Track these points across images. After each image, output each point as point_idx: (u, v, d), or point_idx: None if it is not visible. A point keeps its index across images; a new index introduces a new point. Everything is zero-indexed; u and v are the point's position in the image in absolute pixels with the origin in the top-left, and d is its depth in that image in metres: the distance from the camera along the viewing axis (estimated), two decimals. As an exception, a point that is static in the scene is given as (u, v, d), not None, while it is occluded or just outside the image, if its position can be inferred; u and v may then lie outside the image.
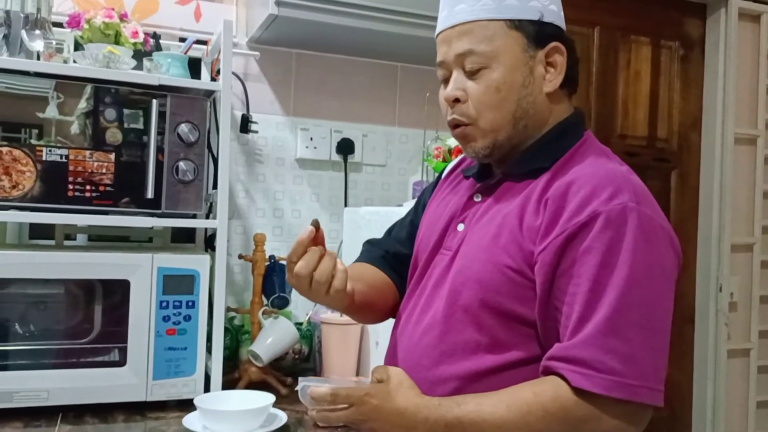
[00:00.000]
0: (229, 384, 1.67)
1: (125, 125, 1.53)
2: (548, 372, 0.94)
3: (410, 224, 1.31)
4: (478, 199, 1.11)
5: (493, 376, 0.99)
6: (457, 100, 1.06)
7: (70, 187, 1.49)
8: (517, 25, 1.03)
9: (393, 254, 1.29)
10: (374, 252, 1.32)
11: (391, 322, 1.25)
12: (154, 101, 1.54)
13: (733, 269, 2.81)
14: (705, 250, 2.83)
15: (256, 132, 2.05)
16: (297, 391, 1.01)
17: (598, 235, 0.92)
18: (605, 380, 0.88)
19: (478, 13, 1.03)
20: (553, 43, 1.05)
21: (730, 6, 2.78)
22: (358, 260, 1.32)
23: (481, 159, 1.10)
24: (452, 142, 1.80)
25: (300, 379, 1.02)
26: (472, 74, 1.04)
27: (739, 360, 2.83)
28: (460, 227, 1.10)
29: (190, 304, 1.55)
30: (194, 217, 1.64)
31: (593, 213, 0.92)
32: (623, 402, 0.89)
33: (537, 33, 1.04)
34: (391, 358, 1.14)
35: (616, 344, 0.89)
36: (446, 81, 1.09)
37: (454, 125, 1.09)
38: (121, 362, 1.51)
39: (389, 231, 1.37)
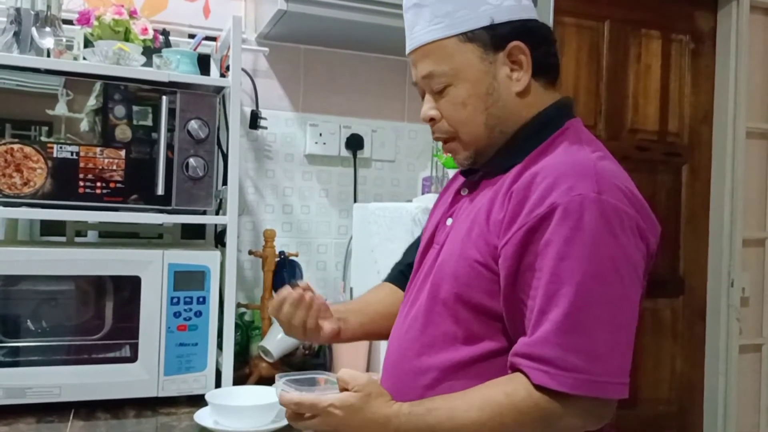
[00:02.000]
0: (239, 380, 1.68)
1: (134, 122, 1.54)
2: (514, 368, 0.94)
3: (423, 231, 1.33)
4: (464, 193, 1.12)
5: (469, 368, 1.00)
6: (432, 120, 1.09)
7: (81, 183, 1.49)
8: (470, 36, 1.03)
9: (408, 265, 1.31)
10: (394, 270, 1.37)
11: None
12: (164, 98, 1.54)
13: (745, 264, 2.79)
14: (716, 245, 2.81)
15: (266, 128, 2.06)
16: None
17: (557, 227, 0.90)
18: (570, 378, 0.88)
19: (432, 34, 1.05)
20: (512, 43, 1.03)
21: (742, -1, 2.76)
22: (385, 280, 1.37)
23: (468, 166, 1.13)
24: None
25: (277, 377, 1.02)
26: (440, 93, 1.07)
27: (751, 355, 2.81)
28: (449, 222, 1.12)
29: (200, 300, 1.56)
30: (204, 213, 1.64)
31: (552, 205, 0.91)
32: (589, 398, 0.89)
33: (492, 38, 1.03)
34: (388, 349, 1.17)
35: (577, 341, 0.88)
36: (423, 97, 1.11)
37: (438, 140, 1.12)
38: (133, 358, 1.52)
39: (413, 243, 1.40)
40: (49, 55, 1.51)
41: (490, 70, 1.04)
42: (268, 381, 1.69)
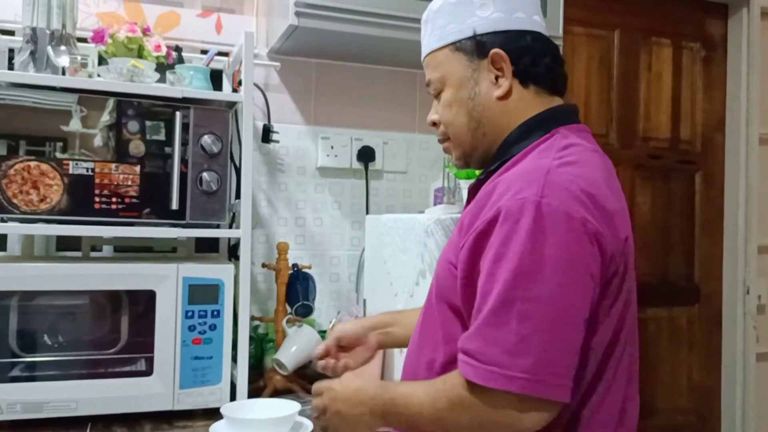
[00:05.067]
0: (254, 392, 1.68)
1: (147, 137, 1.55)
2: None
3: None
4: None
5: (447, 367, 1.03)
6: (434, 124, 1.21)
7: (97, 199, 1.51)
8: (458, 46, 1.13)
9: None
10: None
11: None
12: (178, 113, 1.56)
13: (761, 271, 2.77)
14: (731, 252, 2.79)
15: (278, 142, 2.07)
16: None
17: (498, 230, 0.94)
18: (486, 371, 0.90)
19: (431, 45, 1.17)
20: (492, 51, 1.10)
21: (752, 5, 2.75)
22: None
23: (460, 167, 1.23)
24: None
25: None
26: (437, 98, 1.18)
27: (768, 363, 2.79)
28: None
29: (215, 313, 1.57)
30: (218, 227, 1.65)
31: (498, 209, 0.95)
32: (510, 394, 0.89)
33: (475, 47, 1.11)
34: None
35: (499, 335, 0.90)
36: None
37: (440, 143, 1.23)
38: (148, 372, 1.53)
39: None
40: (64, 73, 1.54)
41: (473, 77, 1.12)
42: (283, 393, 1.70)
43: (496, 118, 1.11)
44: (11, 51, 1.76)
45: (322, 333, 1.87)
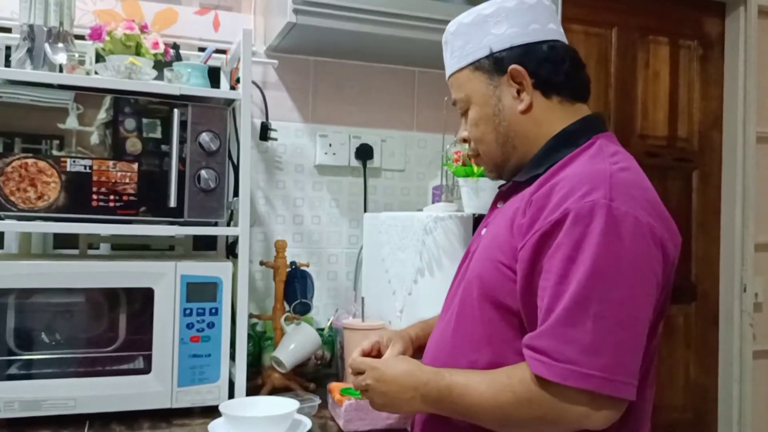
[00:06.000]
0: (252, 390, 1.68)
1: (145, 134, 1.55)
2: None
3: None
4: (500, 205, 1.21)
5: (491, 368, 1.05)
6: (465, 140, 1.25)
7: (94, 197, 1.51)
8: (477, 66, 1.17)
9: None
10: None
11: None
12: (176, 111, 1.55)
13: (758, 269, 2.78)
14: (728, 250, 2.80)
15: (276, 139, 2.07)
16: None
17: (568, 231, 0.96)
18: (562, 369, 0.92)
19: (452, 67, 1.21)
20: (511, 67, 1.13)
21: (750, 4, 2.75)
22: None
23: (494, 179, 1.27)
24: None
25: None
26: (465, 117, 1.23)
27: (765, 361, 2.79)
28: (483, 232, 1.20)
29: (213, 311, 1.57)
30: (216, 224, 1.65)
31: (565, 210, 0.97)
32: (585, 392, 0.92)
33: (494, 65, 1.15)
34: (425, 353, 1.24)
35: (575, 334, 0.92)
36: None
37: (470, 157, 1.29)
38: (146, 370, 1.52)
39: None
40: (61, 71, 1.53)
41: (495, 94, 1.16)
42: (281, 391, 1.70)
43: (524, 130, 1.15)
44: (8, 48, 1.76)
45: (320, 331, 1.87)
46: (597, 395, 0.92)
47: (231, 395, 1.59)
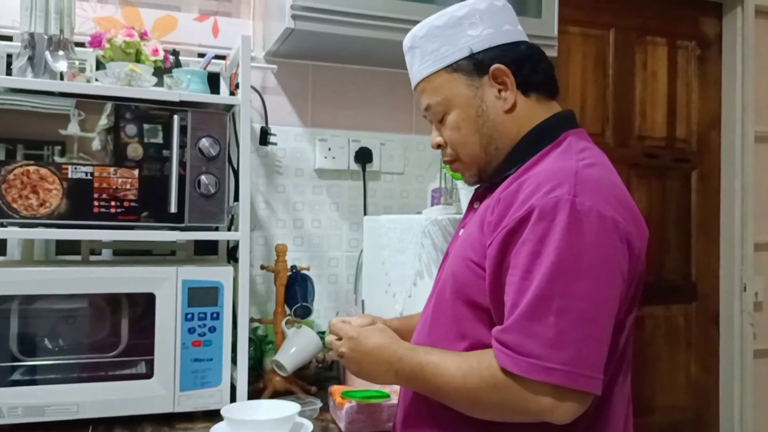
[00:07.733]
0: (254, 394, 1.69)
1: (145, 140, 1.56)
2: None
3: None
4: (476, 206, 1.21)
5: None
6: (439, 146, 1.22)
7: (96, 203, 1.52)
8: (455, 68, 1.15)
9: None
10: None
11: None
12: (176, 116, 1.56)
13: (757, 268, 2.78)
14: (728, 250, 2.81)
15: (275, 144, 2.08)
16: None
17: (533, 227, 0.97)
18: (525, 363, 0.93)
19: (423, 72, 1.19)
20: (493, 66, 1.13)
21: (747, 4, 2.76)
22: None
23: (472, 184, 1.25)
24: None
25: None
26: (440, 122, 1.20)
27: (765, 360, 2.80)
28: (461, 232, 1.22)
29: (214, 315, 1.57)
30: (217, 229, 1.66)
31: (530, 207, 0.98)
32: (548, 385, 0.93)
33: (474, 66, 1.14)
34: None
35: (539, 329, 0.94)
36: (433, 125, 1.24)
37: (447, 164, 1.25)
38: (149, 374, 1.53)
39: None
40: (62, 78, 1.54)
41: (478, 94, 1.15)
42: (282, 395, 1.71)
43: (507, 130, 1.14)
44: (9, 56, 1.77)
45: (321, 334, 1.88)
46: (561, 388, 0.93)
47: (233, 399, 1.60)
